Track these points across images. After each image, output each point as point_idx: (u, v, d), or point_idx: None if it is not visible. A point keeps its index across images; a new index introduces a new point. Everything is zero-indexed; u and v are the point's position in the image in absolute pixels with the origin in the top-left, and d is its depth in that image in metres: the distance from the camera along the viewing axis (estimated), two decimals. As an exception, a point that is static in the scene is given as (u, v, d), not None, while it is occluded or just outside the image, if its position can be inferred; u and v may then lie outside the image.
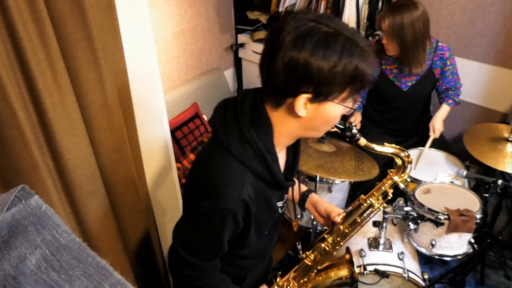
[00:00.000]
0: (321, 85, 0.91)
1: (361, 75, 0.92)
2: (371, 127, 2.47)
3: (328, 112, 0.97)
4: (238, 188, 0.98)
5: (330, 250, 1.23)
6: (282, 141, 1.05)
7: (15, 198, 0.42)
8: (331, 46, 0.88)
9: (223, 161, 1.00)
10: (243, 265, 1.25)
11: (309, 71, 0.88)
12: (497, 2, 2.37)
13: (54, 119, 0.93)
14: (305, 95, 0.92)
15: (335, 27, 0.90)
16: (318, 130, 1.04)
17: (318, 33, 0.88)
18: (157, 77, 1.39)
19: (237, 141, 0.99)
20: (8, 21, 0.79)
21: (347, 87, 0.93)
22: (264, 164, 1.01)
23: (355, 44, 0.91)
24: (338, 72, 0.89)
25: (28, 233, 0.39)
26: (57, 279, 0.37)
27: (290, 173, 1.17)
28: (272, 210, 1.13)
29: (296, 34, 0.89)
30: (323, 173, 1.82)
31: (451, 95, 2.33)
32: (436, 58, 2.24)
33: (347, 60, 0.89)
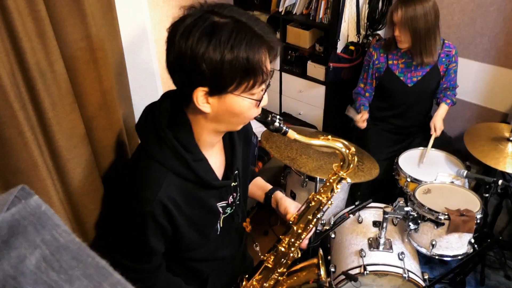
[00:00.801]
0: (213, 77, 0.87)
1: (255, 65, 0.88)
2: (371, 124, 2.47)
3: (232, 105, 0.93)
4: (154, 190, 0.96)
5: (286, 251, 1.19)
6: (204, 139, 1.03)
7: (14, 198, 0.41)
8: (216, 35, 0.84)
9: (141, 164, 1.01)
10: (201, 268, 1.22)
11: (196, 63, 0.85)
12: (497, 2, 2.37)
13: (53, 119, 0.93)
14: (202, 88, 0.90)
15: (228, 14, 0.87)
16: (231, 123, 1.00)
17: (204, 22, 0.85)
18: (157, 77, 1.39)
19: (155, 143, 0.99)
20: (7, 21, 0.79)
21: (244, 78, 0.89)
22: (185, 164, 0.99)
23: (248, 32, 0.87)
24: (227, 62, 0.85)
25: (27, 233, 0.39)
26: (57, 279, 0.37)
27: (230, 172, 1.14)
28: (210, 211, 1.10)
29: (184, 25, 0.87)
30: (322, 175, 1.82)
31: (449, 95, 2.35)
32: (442, 55, 2.26)
33: (235, 50, 0.85)
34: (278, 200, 1.30)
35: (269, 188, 1.37)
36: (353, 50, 2.71)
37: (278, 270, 1.23)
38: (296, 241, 1.18)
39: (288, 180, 2.25)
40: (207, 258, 1.20)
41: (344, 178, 1.13)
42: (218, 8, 0.89)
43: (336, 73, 2.71)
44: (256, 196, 1.39)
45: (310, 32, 2.75)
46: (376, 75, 2.36)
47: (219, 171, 1.12)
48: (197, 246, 1.13)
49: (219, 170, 1.12)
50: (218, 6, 0.90)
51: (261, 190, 1.38)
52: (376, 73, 2.36)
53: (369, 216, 1.98)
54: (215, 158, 1.11)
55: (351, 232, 1.93)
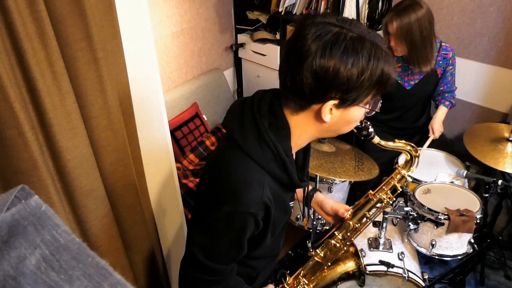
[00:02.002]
0: (350, 91, 0.91)
1: (386, 79, 0.93)
2: (371, 126, 2.46)
3: (352, 115, 0.98)
4: (259, 191, 0.97)
5: (341, 246, 1.24)
6: (299, 144, 1.06)
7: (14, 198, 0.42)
8: (358, 52, 0.88)
9: (241, 164, 0.99)
10: (255, 266, 1.25)
11: (339, 79, 0.89)
12: (497, 2, 2.37)
13: (53, 119, 0.93)
14: (332, 102, 0.93)
15: (358, 31, 0.91)
16: (338, 132, 1.05)
17: (345, 39, 0.88)
18: (157, 77, 1.39)
19: (256, 144, 0.98)
20: (7, 21, 0.79)
21: (372, 91, 0.94)
22: (283, 167, 1.01)
23: (380, 48, 0.91)
24: (366, 78, 0.90)
25: (27, 233, 0.39)
26: (56, 279, 0.37)
27: (301, 173, 1.17)
28: (286, 211, 1.14)
29: (323, 42, 0.88)
30: (323, 173, 1.82)
31: (447, 97, 2.35)
32: (439, 58, 2.25)
33: (374, 66, 0.90)
34: (322, 200, 1.36)
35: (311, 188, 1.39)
36: (353, 50, 2.70)
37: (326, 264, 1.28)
38: (352, 235, 1.24)
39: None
40: (265, 255, 1.24)
41: (405, 177, 1.22)
42: (348, 24, 0.92)
43: (336, 73, 2.70)
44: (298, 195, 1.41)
45: (310, 32, 2.75)
46: None
47: None
48: (265, 244, 1.14)
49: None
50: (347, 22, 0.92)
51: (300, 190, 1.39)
52: None
53: (369, 216, 1.98)
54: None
55: (351, 232, 1.93)
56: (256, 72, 3.22)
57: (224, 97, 3.16)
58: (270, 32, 2.97)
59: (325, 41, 0.88)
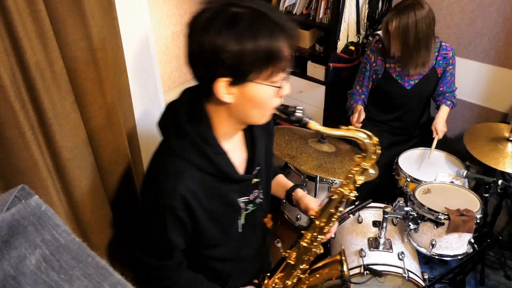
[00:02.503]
0: (234, 66, 0.89)
1: (275, 52, 0.90)
2: (371, 126, 2.47)
3: (254, 94, 0.95)
4: (173, 183, 0.98)
5: (309, 247, 1.18)
6: (225, 133, 1.04)
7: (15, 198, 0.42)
8: (236, 25, 0.86)
9: (162, 158, 1.03)
10: (223, 269, 1.22)
11: (217, 53, 0.87)
12: (497, 2, 2.37)
13: (53, 119, 0.93)
14: (223, 79, 0.91)
15: (247, 5, 0.89)
16: (253, 115, 1.01)
17: (224, 14, 0.87)
18: (157, 77, 1.39)
19: (176, 137, 1.00)
20: (7, 21, 0.79)
21: (265, 65, 0.91)
22: (205, 157, 1.00)
23: (267, 20, 0.89)
24: (248, 51, 0.87)
25: (28, 233, 0.39)
26: (56, 279, 0.37)
27: (251, 167, 1.13)
28: (231, 206, 1.11)
29: (204, 19, 0.88)
30: (322, 173, 1.82)
31: (448, 97, 2.35)
32: (439, 58, 2.25)
33: (256, 38, 0.87)
34: (299, 198, 1.30)
35: (290, 186, 1.37)
36: (353, 50, 2.71)
37: (301, 267, 1.23)
38: (318, 235, 1.18)
39: (288, 179, 2.25)
40: (229, 257, 1.20)
41: (367, 169, 1.12)
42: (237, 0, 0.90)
43: (336, 73, 2.71)
44: (278, 193, 1.39)
45: (310, 32, 2.75)
46: (374, 77, 2.37)
47: (241, 167, 1.13)
48: (218, 243, 1.13)
49: (240, 166, 1.12)
50: None
51: (283, 188, 1.37)
52: (374, 75, 2.36)
53: (369, 216, 1.98)
54: (236, 153, 1.11)
55: (351, 232, 1.93)
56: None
57: (224, 97, 3.16)
58: (270, 32, 2.97)
59: (206, 17, 0.88)
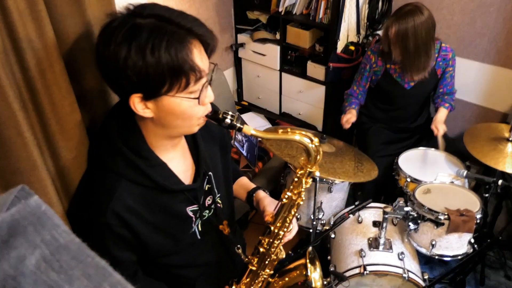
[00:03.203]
0: (142, 82, 0.85)
1: (181, 63, 0.84)
2: (372, 124, 2.48)
3: (172, 107, 0.90)
4: (106, 200, 0.94)
5: (267, 252, 1.16)
6: (159, 144, 1.00)
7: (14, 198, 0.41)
8: (136, 38, 0.81)
9: (94, 174, 1.00)
10: (185, 275, 1.19)
11: (121, 70, 0.83)
12: (497, 2, 2.37)
13: (53, 119, 0.93)
14: (136, 95, 0.87)
15: (151, 13, 0.85)
16: (179, 126, 0.97)
17: (124, 26, 0.83)
18: (157, 77, 1.38)
19: (107, 152, 0.97)
20: (7, 21, 0.79)
21: (174, 78, 0.86)
22: (139, 170, 0.97)
23: (168, 29, 0.83)
24: (151, 65, 0.82)
25: (27, 233, 0.39)
26: (56, 279, 0.37)
27: (197, 175, 1.10)
28: (177, 216, 1.07)
29: (105, 33, 0.84)
30: (322, 173, 1.81)
31: (447, 99, 2.36)
32: (439, 59, 2.25)
33: (157, 51, 0.82)
34: (259, 200, 1.27)
35: (251, 188, 1.33)
36: (353, 50, 2.71)
37: (264, 272, 1.20)
38: (275, 240, 1.15)
39: (288, 179, 2.25)
40: (190, 263, 1.17)
41: (312, 172, 1.07)
42: (140, 9, 0.86)
43: (336, 73, 2.71)
44: (239, 195, 1.36)
45: (310, 32, 2.75)
46: (373, 77, 2.37)
47: (187, 175, 1.10)
48: (171, 252, 1.10)
49: (186, 174, 1.09)
50: (140, 7, 0.86)
51: (244, 190, 1.35)
52: (373, 76, 2.36)
53: (369, 216, 1.98)
54: (179, 162, 1.08)
55: (351, 232, 1.93)
56: (256, 72, 3.22)
57: (224, 97, 3.16)
58: (270, 32, 2.97)
59: (106, 31, 0.84)
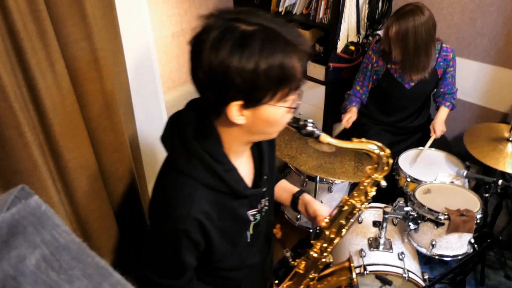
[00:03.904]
0: (248, 90, 0.83)
1: (290, 72, 0.84)
2: (372, 125, 2.48)
3: (267, 115, 0.90)
4: (186, 207, 0.93)
5: (319, 257, 1.17)
6: (234, 149, 1.00)
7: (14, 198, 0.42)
8: (248, 46, 0.80)
9: (171, 180, 0.97)
10: (233, 277, 1.20)
11: (230, 76, 0.81)
12: (497, 2, 2.37)
13: (54, 119, 0.93)
14: (236, 103, 0.86)
15: (256, 21, 0.83)
16: (266, 133, 0.97)
17: (234, 33, 0.81)
18: (157, 77, 1.39)
19: (184, 156, 0.95)
20: (8, 21, 0.79)
21: (279, 87, 0.86)
22: (216, 175, 0.96)
23: (278, 39, 0.82)
24: (262, 73, 0.81)
25: (27, 233, 0.39)
26: (56, 279, 0.37)
27: (259, 179, 1.10)
28: (241, 221, 1.08)
29: (212, 38, 0.81)
30: (322, 174, 1.81)
31: (448, 98, 2.36)
32: (440, 59, 2.26)
33: (269, 59, 0.81)
34: (307, 203, 1.27)
35: (296, 191, 1.34)
36: (353, 50, 2.71)
37: (310, 276, 1.21)
38: (328, 246, 1.16)
39: (288, 180, 2.25)
40: (238, 266, 1.18)
41: (379, 181, 1.08)
42: (244, 15, 0.84)
43: (336, 73, 2.71)
44: (283, 199, 1.35)
45: (310, 32, 2.75)
46: (374, 77, 2.37)
47: (248, 179, 1.09)
48: (227, 256, 1.10)
49: (248, 178, 1.09)
50: (243, 13, 0.85)
51: (288, 193, 1.34)
52: (374, 75, 2.36)
53: (369, 216, 1.98)
54: (244, 167, 1.08)
55: (351, 232, 1.93)
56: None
57: (224, 97, 3.16)
58: (270, 32, 2.97)
59: (214, 37, 0.81)
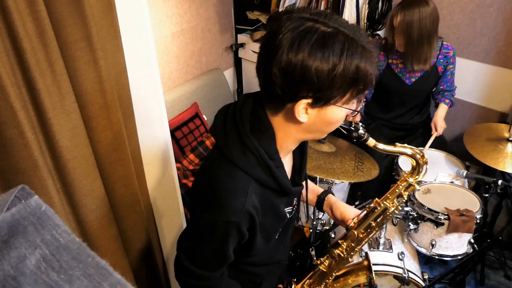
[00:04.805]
0: (321, 89, 0.85)
1: (363, 76, 0.87)
2: (371, 121, 2.49)
3: (330, 116, 0.92)
4: (241, 199, 0.94)
5: (345, 256, 1.19)
6: (285, 146, 1.01)
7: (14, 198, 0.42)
8: (329, 47, 0.82)
9: (225, 172, 0.97)
10: (258, 272, 1.21)
11: (307, 75, 0.83)
12: (497, 2, 2.37)
13: (53, 119, 0.93)
14: (305, 101, 0.87)
15: (334, 25, 0.85)
16: (321, 132, 1.00)
17: (315, 33, 0.82)
18: (157, 77, 1.38)
19: (239, 150, 0.95)
20: (7, 21, 0.79)
21: (349, 89, 0.88)
22: (268, 171, 0.97)
23: (356, 43, 0.85)
24: (338, 74, 0.83)
25: (27, 233, 0.39)
26: (56, 279, 0.37)
27: (298, 177, 1.13)
28: (280, 217, 1.10)
29: (292, 36, 0.83)
30: (321, 174, 1.81)
31: (447, 95, 2.38)
32: (440, 56, 2.27)
33: (347, 62, 0.83)
34: (332, 204, 1.28)
35: (321, 191, 1.34)
36: (353, 50, 2.71)
37: (333, 275, 1.22)
38: (356, 246, 1.17)
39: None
40: (266, 262, 1.19)
41: (413, 185, 1.13)
42: (323, 17, 0.86)
43: (336, 73, 2.71)
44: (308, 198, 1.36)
45: (310, 32, 2.75)
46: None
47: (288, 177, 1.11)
48: (259, 252, 1.11)
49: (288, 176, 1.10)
50: (322, 15, 0.86)
51: (313, 193, 1.35)
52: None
53: (369, 216, 1.97)
54: (286, 164, 1.08)
55: (351, 232, 1.93)
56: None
57: (224, 97, 3.16)
58: (270, 32, 2.97)
59: (294, 36, 0.83)
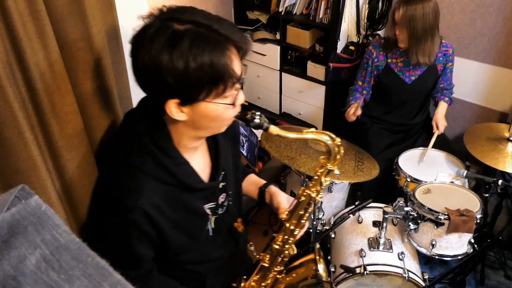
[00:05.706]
0: (181, 88, 0.85)
1: (221, 70, 0.86)
2: (371, 124, 2.48)
3: (207, 112, 0.92)
4: (135, 198, 0.96)
5: (281, 249, 1.18)
6: (183, 144, 1.02)
7: (14, 198, 0.42)
8: (178, 46, 0.82)
9: (120, 171, 1.00)
10: (197, 270, 1.21)
11: (162, 76, 0.83)
12: (497, 2, 2.37)
13: (53, 119, 0.93)
14: (173, 100, 0.88)
15: (189, 19, 0.85)
16: (211, 128, 1.00)
17: (165, 33, 0.83)
18: (157, 77, 1.39)
19: (134, 150, 0.98)
20: (7, 21, 0.79)
21: (214, 84, 0.87)
22: (165, 169, 0.98)
23: (209, 36, 0.84)
24: (192, 73, 0.83)
25: (27, 233, 0.39)
26: (56, 279, 0.37)
27: (216, 173, 1.12)
28: (196, 214, 1.09)
29: (145, 38, 0.84)
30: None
31: (446, 93, 2.40)
32: (440, 54, 2.28)
33: (199, 58, 0.82)
34: (272, 195, 1.28)
35: (263, 183, 1.35)
36: (353, 50, 2.71)
37: (275, 269, 1.21)
38: (289, 238, 1.17)
39: (288, 180, 2.25)
40: (201, 260, 1.19)
41: (332, 170, 1.10)
42: (178, 13, 0.86)
43: (336, 73, 2.71)
44: (250, 192, 1.37)
45: (310, 32, 2.75)
46: (375, 73, 2.38)
47: (205, 173, 1.11)
48: (187, 249, 1.12)
49: (204, 172, 1.11)
50: (178, 12, 0.87)
51: (255, 186, 1.36)
52: (375, 70, 2.37)
53: (369, 216, 1.98)
54: (199, 160, 1.10)
55: (351, 232, 1.93)
56: (256, 72, 3.22)
57: (224, 97, 3.16)
58: (270, 32, 2.97)
59: (147, 36, 0.84)
